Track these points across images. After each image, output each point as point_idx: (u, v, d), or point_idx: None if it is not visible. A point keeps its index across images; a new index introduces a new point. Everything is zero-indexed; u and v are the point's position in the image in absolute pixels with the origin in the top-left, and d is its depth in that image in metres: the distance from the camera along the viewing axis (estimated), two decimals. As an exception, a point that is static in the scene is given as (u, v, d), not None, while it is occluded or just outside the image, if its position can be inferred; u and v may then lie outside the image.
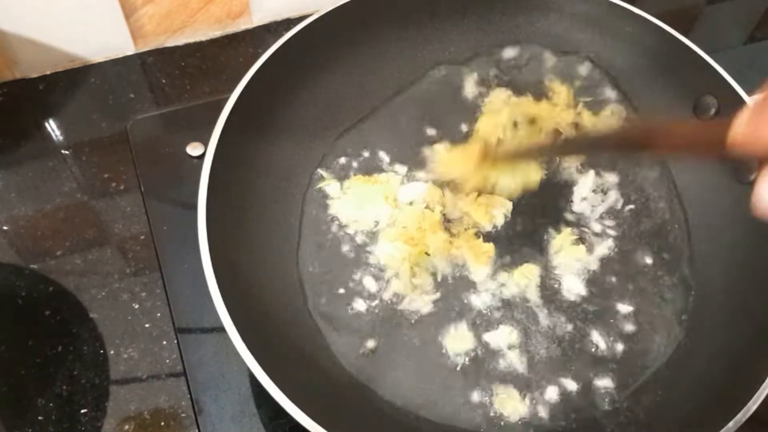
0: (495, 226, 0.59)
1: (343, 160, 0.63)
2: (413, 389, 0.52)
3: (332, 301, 0.56)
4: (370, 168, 0.63)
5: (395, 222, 0.59)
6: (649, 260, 0.59)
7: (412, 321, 0.55)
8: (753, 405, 0.44)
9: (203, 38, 0.75)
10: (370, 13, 0.63)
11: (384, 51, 0.65)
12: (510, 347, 0.54)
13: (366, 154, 0.63)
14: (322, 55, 0.62)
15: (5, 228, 0.61)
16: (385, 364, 0.53)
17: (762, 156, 0.29)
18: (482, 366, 0.53)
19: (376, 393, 0.52)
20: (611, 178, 0.63)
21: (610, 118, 0.64)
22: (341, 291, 0.56)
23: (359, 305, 0.55)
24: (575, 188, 0.62)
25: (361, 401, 0.51)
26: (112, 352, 0.55)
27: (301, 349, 0.52)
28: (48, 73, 0.71)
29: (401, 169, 0.63)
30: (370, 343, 0.54)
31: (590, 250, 0.58)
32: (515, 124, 0.61)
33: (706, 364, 0.52)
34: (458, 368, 0.53)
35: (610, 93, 0.66)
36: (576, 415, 0.51)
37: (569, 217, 0.60)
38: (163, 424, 0.52)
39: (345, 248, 0.58)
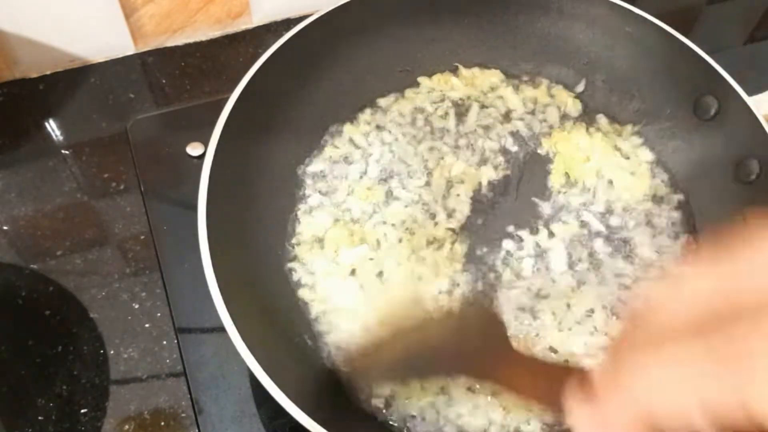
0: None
1: (343, 160, 0.63)
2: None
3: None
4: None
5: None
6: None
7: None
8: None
9: (203, 38, 0.75)
10: (369, 13, 0.63)
11: (384, 51, 0.65)
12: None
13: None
14: (322, 55, 0.62)
15: (5, 228, 0.61)
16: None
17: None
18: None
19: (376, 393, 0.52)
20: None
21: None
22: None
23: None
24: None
25: (362, 401, 0.51)
26: (112, 352, 0.55)
27: (302, 349, 0.52)
28: (48, 73, 0.71)
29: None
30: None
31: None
32: None
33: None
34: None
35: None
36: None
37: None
38: (163, 424, 0.52)
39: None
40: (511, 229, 0.59)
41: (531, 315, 0.54)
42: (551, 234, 0.59)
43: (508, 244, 0.58)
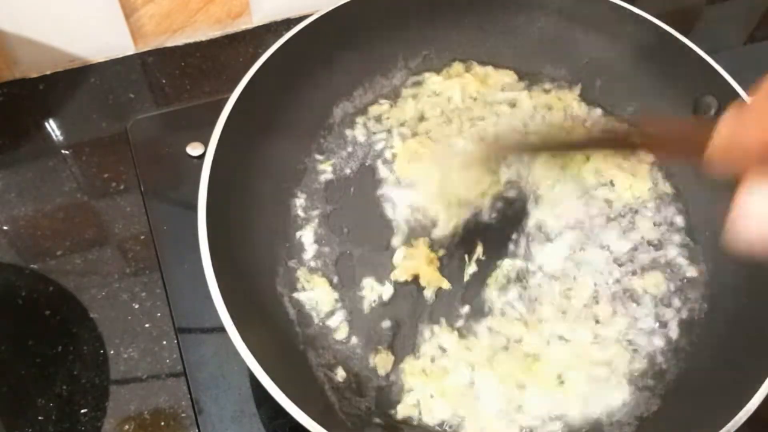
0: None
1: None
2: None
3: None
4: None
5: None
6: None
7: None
8: (753, 405, 0.44)
9: (203, 38, 0.75)
10: (370, 13, 0.63)
11: (384, 51, 0.65)
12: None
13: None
14: (322, 55, 0.62)
15: (5, 228, 0.61)
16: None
17: (742, 166, 0.27)
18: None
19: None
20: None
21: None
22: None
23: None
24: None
25: (361, 401, 0.51)
26: (112, 352, 0.55)
27: (302, 349, 0.52)
28: (48, 73, 0.71)
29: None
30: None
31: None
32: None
33: (707, 364, 0.52)
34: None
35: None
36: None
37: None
38: (163, 424, 0.52)
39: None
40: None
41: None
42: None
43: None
